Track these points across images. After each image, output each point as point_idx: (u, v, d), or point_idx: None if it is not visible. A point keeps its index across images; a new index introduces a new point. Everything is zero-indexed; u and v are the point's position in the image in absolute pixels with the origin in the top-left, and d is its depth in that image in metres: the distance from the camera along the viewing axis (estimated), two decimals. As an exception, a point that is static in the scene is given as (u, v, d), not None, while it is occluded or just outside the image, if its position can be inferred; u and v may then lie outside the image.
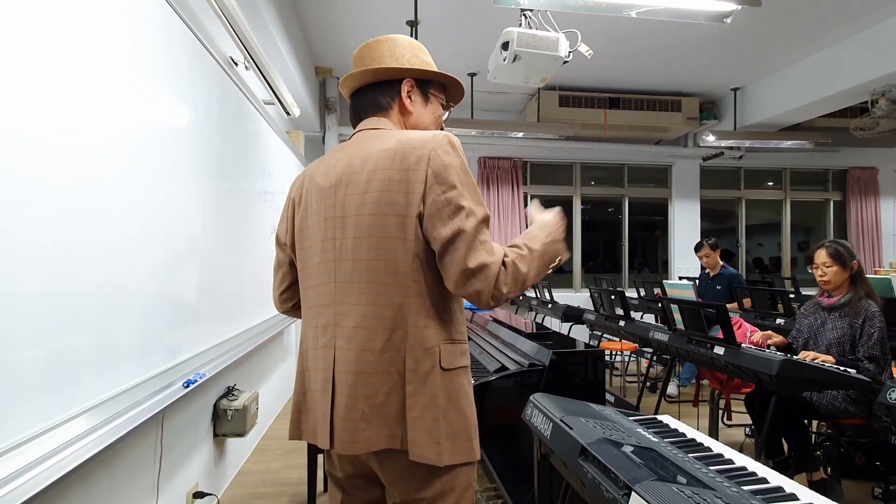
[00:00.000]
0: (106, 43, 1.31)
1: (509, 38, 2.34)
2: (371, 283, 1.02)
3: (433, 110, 1.20)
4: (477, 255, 0.98)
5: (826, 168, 6.87)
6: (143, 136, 1.49)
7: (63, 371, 1.17)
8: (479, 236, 0.99)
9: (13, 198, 1.01)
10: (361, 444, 1.01)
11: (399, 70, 1.14)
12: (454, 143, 1.03)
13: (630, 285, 6.27)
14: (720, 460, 1.13)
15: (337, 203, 1.07)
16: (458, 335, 1.09)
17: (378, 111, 1.16)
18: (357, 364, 1.01)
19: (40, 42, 1.08)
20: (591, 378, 2.00)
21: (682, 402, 3.91)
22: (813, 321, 2.62)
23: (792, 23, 4.09)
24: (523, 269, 1.03)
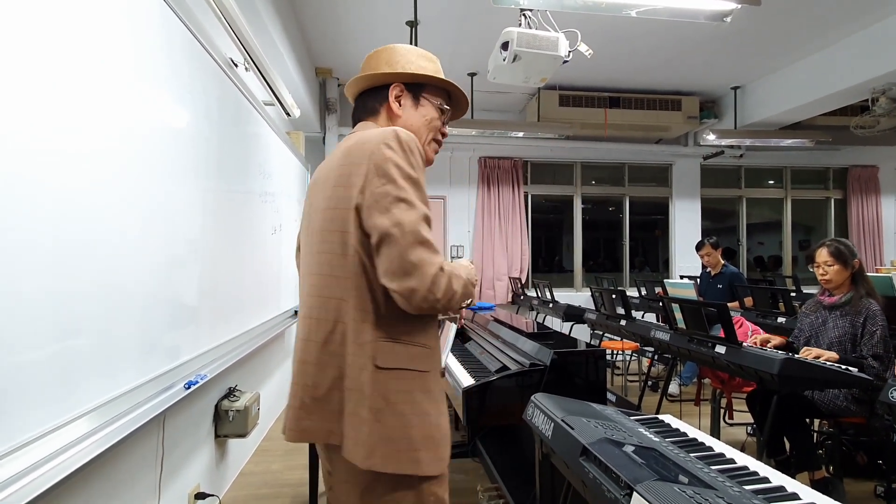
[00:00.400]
0: (106, 43, 1.31)
1: (509, 38, 2.34)
2: (320, 276, 1.07)
3: (424, 113, 1.18)
4: (417, 251, 0.94)
5: (827, 166, 6.87)
6: (143, 137, 1.49)
7: (64, 373, 1.17)
8: (421, 231, 0.96)
9: (13, 198, 1.01)
10: (302, 434, 1.05)
11: (389, 75, 1.16)
12: (401, 138, 1.01)
13: (631, 284, 6.27)
14: (722, 460, 1.12)
15: (311, 201, 1.16)
16: (405, 336, 1.03)
17: (368, 115, 1.19)
18: (302, 353, 1.07)
19: (40, 42, 1.08)
20: (592, 378, 2.00)
21: (684, 401, 3.90)
22: (814, 320, 2.62)
23: (792, 21, 4.09)
24: (455, 286, 1.00)
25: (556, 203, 6.65)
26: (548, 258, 6.98)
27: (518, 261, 6.09)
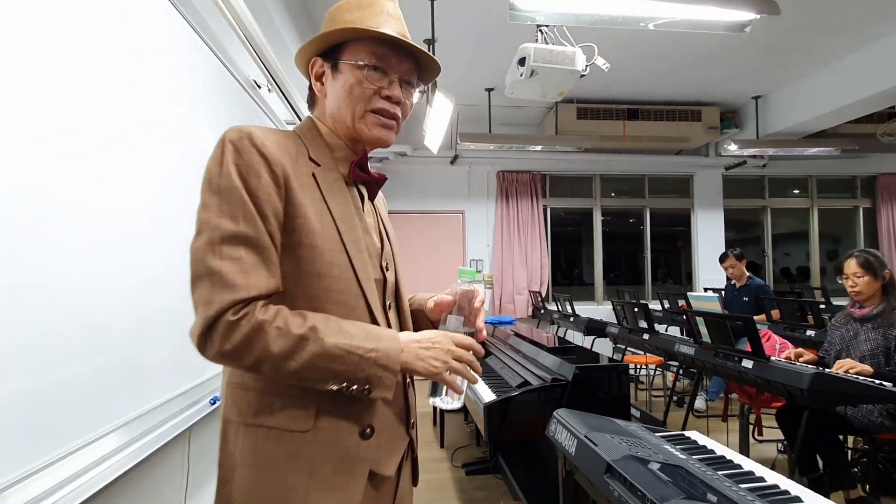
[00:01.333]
0: (146, 74, 1.36)
1: (526, 53, 2.36)
2: None
3: (344, 80, 0.88)
4: (196, 288, 0.75)
5: (854, 175, 6.72)
6: (176, 159, 1.54)
7: (96, 388, 1.20)
8: (206, 261, 0.73)
9: (49, 221, 1.05)
10: None
11: (300, 52, 0.93)
12: (222, 139, 0.80)
13: (653, 297, 6.18)
14: (751, 478, 1.10)
15: None
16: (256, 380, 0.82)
17: (311, 110, 0.98)
18: None
19: (82, 73, 1.12)
20: (615, 393, 1.97)
21: (711, 416, 3.81)
22: (844, 333, 2.55)
23: (813, 29, 4.04)
24: (275, 347, 0.73)
25: (576, 216, 6.62)
26: (568, 271, 6.93)
27: (538, 274, 6.06)
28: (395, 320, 0.96)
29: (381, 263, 0.93)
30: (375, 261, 0.92)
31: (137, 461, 1.31)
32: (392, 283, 0.96)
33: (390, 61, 0.89)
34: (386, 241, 0.98)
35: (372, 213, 0.98)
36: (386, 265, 0.94)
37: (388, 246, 0.98)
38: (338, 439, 0.82)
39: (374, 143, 0.93)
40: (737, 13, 2.45)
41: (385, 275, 0.93)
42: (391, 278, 0.95)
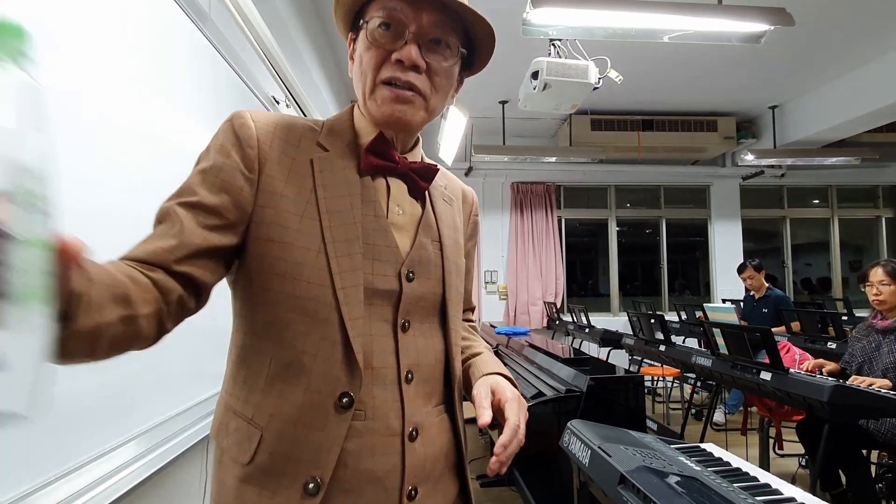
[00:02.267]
0: (167, 87, 1.41)
1: (539, 67, 2.39)
2: None
3: (357, 50, 0.75)
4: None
5: (875, 184, 6.60)
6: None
7: (118, 397, 1.24)
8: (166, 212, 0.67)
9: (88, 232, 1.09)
10: None
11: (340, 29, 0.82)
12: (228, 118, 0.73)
13: (670, 309, 6.12)
14: (768, 491, 1.09)
15: None
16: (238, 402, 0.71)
17: None
18: None
19: (110, 89, 1.17)
20: (630, 404, 1.96)
21: (730, 430, 3.75)
22: (866, 345, 2.51)
23: (830, 38, 4.01)
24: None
25: (591, 227, 6.59)
26: (583, 282, 6.89)
27: (553, 285, 6.04)
28: (421, 342, 0.76)
29: (402, 271, 0.74)
30: (389, 267, 0.73)
31: (157, 469, 1.33)
32: (415, 296, 0.75)
33: (405, 14, 0.70)
34: (427, 245, 0.78)
35: (414, 210, 0.79)
36: (410, 273, 0.74)
37: (429, 252, 0.78)
38: (276, 487, 0.66)
39: (385, 122, 0.74)
40: (751, 25, 2.46)
41: (403, 285, 0.73)
42: (418, 290, 0.75)
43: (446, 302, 0.79)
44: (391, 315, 0.73)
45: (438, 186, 0.86)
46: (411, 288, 0.75)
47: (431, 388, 0.77)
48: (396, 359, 0.72)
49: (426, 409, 0.75)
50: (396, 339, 0.73)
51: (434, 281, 0.78)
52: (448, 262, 0.81)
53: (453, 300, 0.81)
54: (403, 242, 0.76)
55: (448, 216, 0.85)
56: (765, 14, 2.41)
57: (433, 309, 0.79)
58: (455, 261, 0.83)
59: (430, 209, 0.82)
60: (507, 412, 0.74)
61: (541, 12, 2.23)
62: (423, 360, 0.76)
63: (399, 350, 0.73)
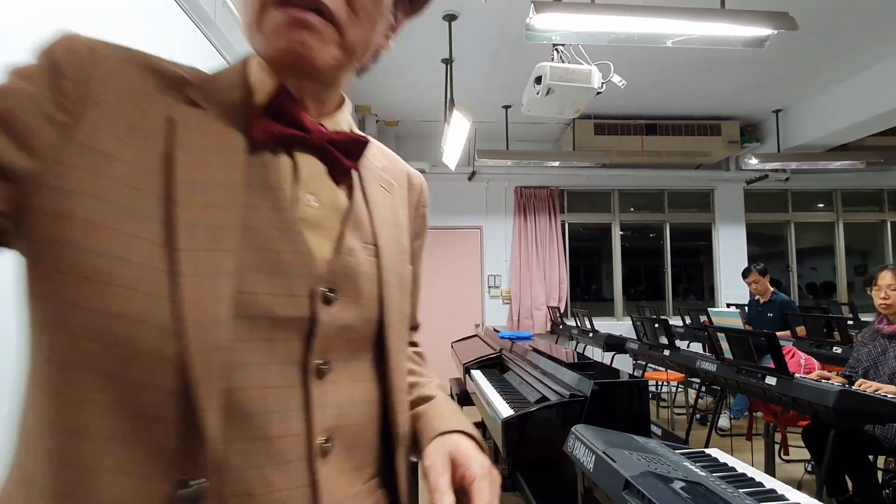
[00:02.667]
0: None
1: (542, 72, 2.40)
2: None
3: None
4: None
5: (880, 188, 6.58)
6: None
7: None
8: None
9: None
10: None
11: None
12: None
13: (674, 313, 6.10)
14: (773, 496, 1.08)
15: None
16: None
17: None
18: None
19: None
20: (635, 409, 1.96)
21: (735, 435, 3.73)
22: (872, 349, 2.49)
23: (833, 42, 4.02)
24: None
25: (594, 231, 6.59)
26: (586, 287, 6.88)
27: (556, 290, 6.03)
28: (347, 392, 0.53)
29: (317, 289, 0.50)
30: (297, 284, 0.49)
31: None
32: (338, 325, 0.51)
33: None
34: (356, 250, 0.55)
35: (336, 200, 0.56)
36: (329, 293, 0.51)
37: (359, 260, 0.54)
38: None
39: (278, 62, 0.51)
40: (754, 29, 2.46)
41: (319, 310, 0.50)
42: (342, 317, 0.52)
43: (385, 330, 0.56)
44: (300, 354, 0.49)
45: (373, 168, 0.62)
46: (331, 314, 0.51)
47: (361, 457, 0.54)
48: (307, 421, 0.48)
49: (353, 490, 0.52)
50: (307, 390, 0.49)
51: (367, 302, 0.55)
52: (388, 272, 0.57)
53: (395, 327, 0.57)
54: (320, 247, 0.52)
55: (387, 209, 0.62)
56: (768, 18, 2.41)
57: (365, 342, 0.55)
58: (397, 271, 0.59)
59: (361, 199, 0.58)
60: (476, 497, 0.52)
61: (544, 17, 2.24)
62: (348, 418, 0.52)
63: (311, 407, 0.49)
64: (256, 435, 0.46)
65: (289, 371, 0.49)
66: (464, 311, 6.03)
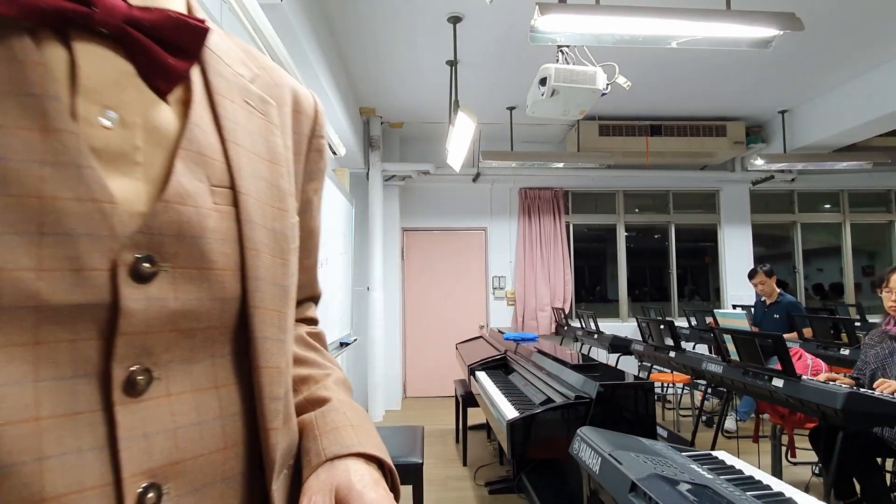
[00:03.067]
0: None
1: (547, 73, 2.40)
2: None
3: None
4: None
5: (888, 188, 6.54)
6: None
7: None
8: None
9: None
10: None
11: None
12: None
13: (680, 314, 6.08)
14: (781, 500, 1.08)
15: None
16: None
17: None
18: None
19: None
20: (641, 411, 1.95)
21: (742, 437, 3.71)
22: (879, 351, 2.48)
23: (840, 42, 3.99)
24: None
25: (599, 232, 6.57)
26: (591, 288, 6.86)
27: (561, 291, 6.02)
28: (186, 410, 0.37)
29: (122, 257, 0.34)
30: (89, 251, 0.33)
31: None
32: (163, 314, 0.36)
33: None
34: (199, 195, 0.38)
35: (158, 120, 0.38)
36: (145, 263, 0.35)
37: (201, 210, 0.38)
38: None
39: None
40: (760, 30, 2.45)
41: (124, 292, 0.34)
42: (169, 300, 0.36)
43: (250, 314, 0.40)
44: (98, 361, 0.33)
45: (232, 76, 0.44)
46: (148, 297, 0.35)
47: (223, 500, 0.39)
48: (113, 465, 0.33)
49: None
50: (112, 416, 0.33)
51: (219, 274, 0.38)
52: (253, 228, 0.41)
53: (266, 307, 0.41)
54: (127, 192, 0.35)
55: (255, 136, 0.44)
56: (774, 19, 2.40)
57: (219, 332, 0.39)
58: (271, 225, 0.43)
59: (208, 120, 0.41)
60: None
61: (549, 19, 2.24)
62: (191, 447, 0.37)
63: (119, 442, 0.33)
64: (22, 499, 0.29)
65: (78, 390, 0.32)
66: (468, 313, 6.03)
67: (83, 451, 0.32)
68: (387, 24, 3.55)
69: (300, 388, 0.52)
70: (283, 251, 0.44)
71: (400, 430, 2.69)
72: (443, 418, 4.93)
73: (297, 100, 0.52)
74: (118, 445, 0.33)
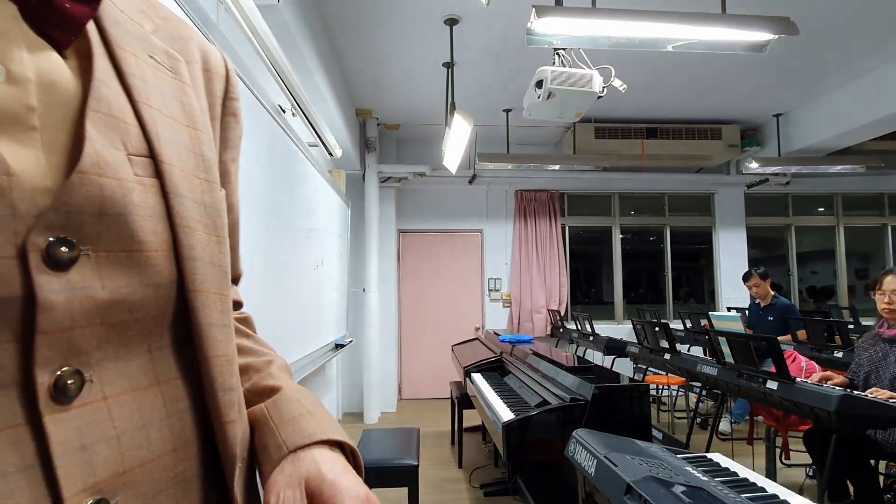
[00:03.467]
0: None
1: (543, 76, 2.40)
2: None
3: None
4: None
5: (881, 192, 6.59)
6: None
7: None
8: None
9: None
10: None
11: None
12: None
13: (675, 317, 6.10)
14: (775, 501, 1.08)
15: None
16: None
17: None
18: None
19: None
20: (636, 413, 1.95)
21: (736, 439, 3.73)
22: (873, 354, 2.49)
23: (834, 46, 4.02)
24: None
25: (595, 234, 6.59)
26: (587, 290, 6.88)
27: (556, 293, 6.03)
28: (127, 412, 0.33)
29: (31, 240, 0.28)
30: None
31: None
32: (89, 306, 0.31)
33: None
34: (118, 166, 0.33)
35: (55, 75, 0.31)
36: (62, 246, 0.29)
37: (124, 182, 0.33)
38: None
39: None
40: (755, 34, 2.47)
41: (39, 281, 0.28)
42: (94, 289, 0.31)
43: (191, 299, 0.37)
44: (15, 367, 0.28)
45: (130, 25, 0.39)
46: (69, 286, 0.30)
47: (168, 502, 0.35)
48: (49, 486, 0.28)
49: None
50: (41, 429, 0.29)
51: (150, 256, 0.34)
52: (182, 202, 0.37)
53: (208, 290, 0.38)
54: (26, 162, 0.29)
55: (169, 98, 0.39)
56: (769, 23, 2.42)
57: (155, 322, 0.36)
58: (200, 199, 0.39)
59: (112, 77, 0.35)
60: None
61: (545, 22, 2.25)
62: (137, 454, 0.33)
63: (54, 458, 0.28)
64: None
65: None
66: (464, 315, 6.03)
67: (8, 473, 0.26)
68: (383, 25, 3.55)
69: (241, 379, 0.46)
70: (216, 227, 0.39)
71: (395, 432, 2.69)
72: (438, 420, 4.92)
73: (206, 57, 0.46)
74: (53, 462, 0.28)
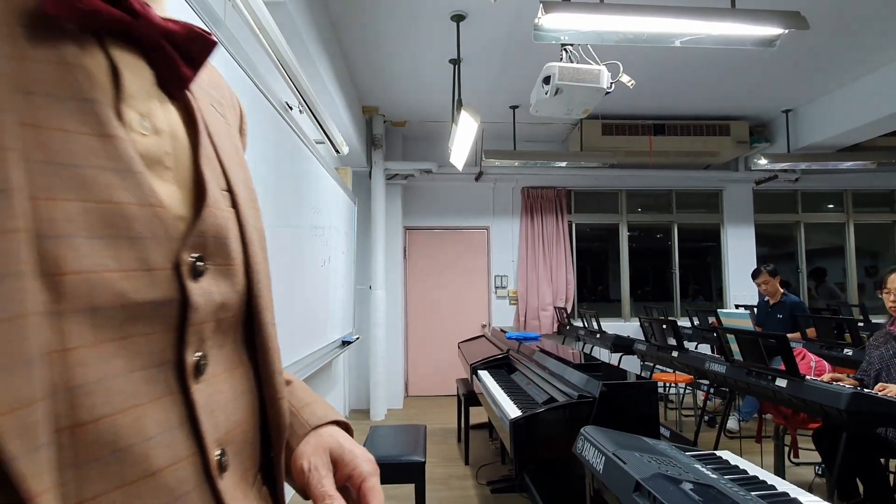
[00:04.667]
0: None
1: (550, 72, 2.39)
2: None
3: None
4: None
5: (891, 188, 6.51)
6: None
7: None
8: None
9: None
10: None
11: None
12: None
13: (682, 314, 6.07)
14: (785, 500, 1.07)
15: None
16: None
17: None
18: None
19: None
20: (644, 411, 1.95)
21: (744, 437, 3.71)
22: (884, 352, 2.47)
23: (844, 41, 3.98)
24: None
25: (602, 231, 6.56)
26: (594, 287, 6.86)
27: (563, 290, 6.02)
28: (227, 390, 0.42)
29: (183, 257, 0.38)
30: (155, 251, 0.36)
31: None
32: (214, 305, 0.41)
33: None
34: (219, 200, 0.43)
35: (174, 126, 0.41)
36: (198, 262, 0.39)
37: (225, 213, 0.43)
38: None
39: None
40: (764, 29, 2.44)
41: (189, 287, 0.38)
42: (215, 293, 0.41)
43: (257, 303, 0.45)
44: (170, 352, 0.37)
45: (200, 81, 0.46)
46: (205, 291, 0.39)
47: (249, 459, 0.45)
48: (196, 438, 0.38)
49: (249, 500, 0.44)
50: (189, 397, 0.38)
51: (236, 269, 0.43)
52: (249, 228, 0.45)
53: (265, 297, 0.47)
54: (170, 196, 0.38)
55: (226, 139, 0.47)
56: (779, 18, 2.39)
57: (236, 321, 0.44)
58: (256, 225, 0.48)
59: (203, 126, 0.43)
60: (371, 499, 0.48)
61: (553, 17, 2.24)
62: (234, 418, 0.43)
63: (199, 418, 0.38)
64: (139, 474, 0.33)
65: (159, 377, 0.36)
66: (470, 312, 6.03)
67: (174, 428, 0.37)
68: (390, 22, 3.55)
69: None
70: (264, 248, 0.50)
71: (402, 429, 2.69)
72: (445, 417, 4.93)
73: (232, 101, 0.55)
74: (199, 421, 0.38)
